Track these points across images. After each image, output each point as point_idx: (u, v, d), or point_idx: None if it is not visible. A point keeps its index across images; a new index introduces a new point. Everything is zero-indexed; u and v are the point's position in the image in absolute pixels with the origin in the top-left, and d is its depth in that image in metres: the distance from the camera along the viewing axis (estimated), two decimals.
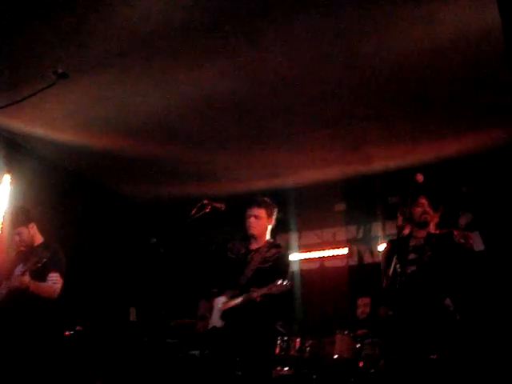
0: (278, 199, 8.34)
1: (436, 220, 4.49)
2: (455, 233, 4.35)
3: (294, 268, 8.32)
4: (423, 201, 4.42)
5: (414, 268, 4.30)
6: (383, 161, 7.28)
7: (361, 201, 8.32)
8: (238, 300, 4.56)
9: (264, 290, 4.39)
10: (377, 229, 8.33)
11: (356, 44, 4.93)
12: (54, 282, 4.99)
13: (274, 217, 4.95)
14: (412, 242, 4.45)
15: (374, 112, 6.11)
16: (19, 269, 4.96)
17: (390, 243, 4.85)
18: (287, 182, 8.01)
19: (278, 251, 4.82)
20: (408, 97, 5.78)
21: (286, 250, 5.14)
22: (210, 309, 4.73)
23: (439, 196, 4.60)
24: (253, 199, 4.93)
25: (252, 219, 4.81)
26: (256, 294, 4.43)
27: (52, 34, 4.78)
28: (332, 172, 7.66)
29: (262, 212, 4.83)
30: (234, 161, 7.38)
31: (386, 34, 4.77)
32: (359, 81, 5.50)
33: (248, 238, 4.91)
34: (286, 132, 6.57)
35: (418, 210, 4.42)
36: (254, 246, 4.87)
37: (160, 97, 5.79)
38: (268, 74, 5.39)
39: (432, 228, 4.49)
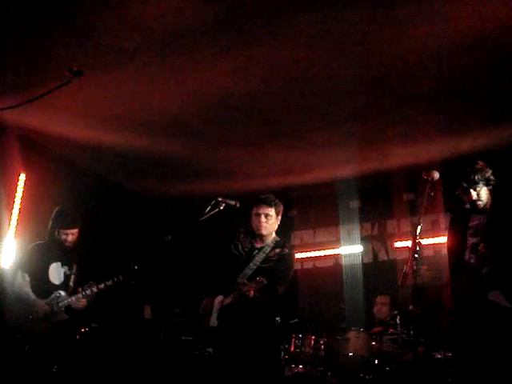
0: (292, 196, 8.39)
1: None
2: None
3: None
4: None
5: None
6: (398, 158, 7.24)
7: (376, 198, 8.29)
8: (229, 298, 4.56)
9: (253, 286, 4.35)
10: (392, 226, 8.30)
11: (370, 41, 4.88)
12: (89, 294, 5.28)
13: (281, 215, 4.90)
14: None
15: (389, 109, 6.07)
16: (57, 266, 5.32)
17: None
18: (302, 179, 8.00)
19: (281, 251, 4.78)
20: (423, 94, 5.73)
21: (291, 249, 4.96)
22: (211, 307, 4.70)
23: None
24: (262, 198, 4.85)
25: (262, 218, 4.76)
26: (246, 288, 4.38)
27: (67, 32, 4.79)
28: (347, 169, 7.63)
29: (271, 211, 4.78)
30: (248, 158, 7.38)
31: (401, 31, 4.72)
32: (374, 78, 5.46)
33: (255, 234, 4.87)
34: (300, 129, 6.55)
35: None
36: (259, 243, 4.84)
37: (174, 94, 5.79)
38: (282, 72, 5.37)
39: None
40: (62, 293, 5.20)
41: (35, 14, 4.56)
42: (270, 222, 4.78)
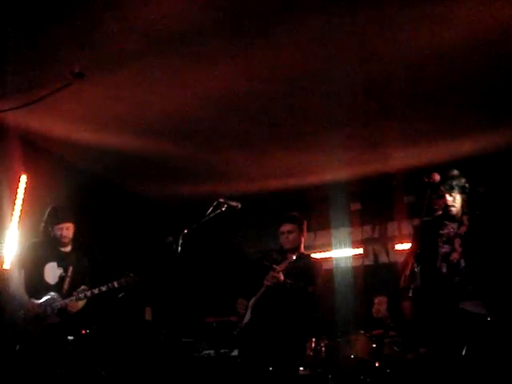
0: (292, 199, 8.39)
1: None
2: None
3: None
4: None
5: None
6: (399, 160, 7.24)
7: (376, 200, 8.28)
8: (263, 288, 4.92)
9: (282, 267, 4.82)
10: (392, 228, 8.29)
11: (371, 43, 4.91)
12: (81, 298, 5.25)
13: (305, 229, 5.32)
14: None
15: (390, 111, 6.07)
16: (53, 266, 5.26)
17: None
18: (302, 181, 8.00)
19: (308, 260, 5.24)
20: (424, 96, 5.74)
21: (317, 260, 5.55)
22: (247, 307, 5.07)
23: None
24: (283, 216, 5.30)
25: (285, 235, 5.20)
26: (275, 271, 4.81)
27: (68, 34, 4.80)
28: (348, 171, 7.64)
29: (293, 227, 5.21)
30: (249, 160, 7.38)
31: (401, 33, 4.74)
32: (375, 80, 5.47)
33: (285, 251, 5.24)
34: (301, 131, 6.56)
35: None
36: (289, 256, 5.19)
37: (176, 96, 5.80)
38: (283, 73, 5.38)
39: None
40: (56, 295, 5.17)
41: (36, 16, 4.57)
42: (292, 236, 5.20)
